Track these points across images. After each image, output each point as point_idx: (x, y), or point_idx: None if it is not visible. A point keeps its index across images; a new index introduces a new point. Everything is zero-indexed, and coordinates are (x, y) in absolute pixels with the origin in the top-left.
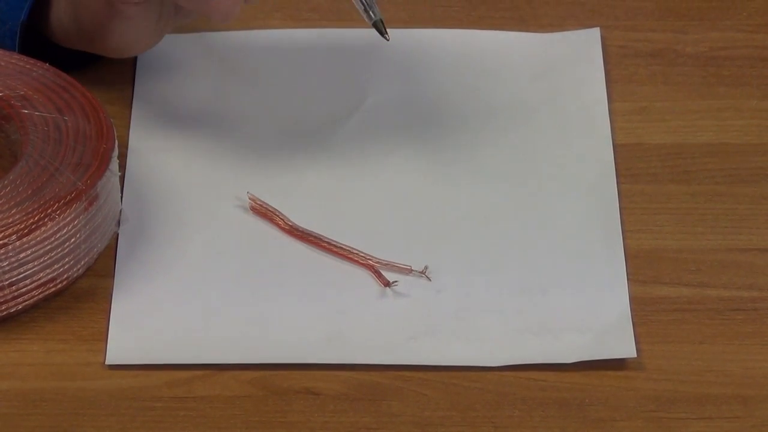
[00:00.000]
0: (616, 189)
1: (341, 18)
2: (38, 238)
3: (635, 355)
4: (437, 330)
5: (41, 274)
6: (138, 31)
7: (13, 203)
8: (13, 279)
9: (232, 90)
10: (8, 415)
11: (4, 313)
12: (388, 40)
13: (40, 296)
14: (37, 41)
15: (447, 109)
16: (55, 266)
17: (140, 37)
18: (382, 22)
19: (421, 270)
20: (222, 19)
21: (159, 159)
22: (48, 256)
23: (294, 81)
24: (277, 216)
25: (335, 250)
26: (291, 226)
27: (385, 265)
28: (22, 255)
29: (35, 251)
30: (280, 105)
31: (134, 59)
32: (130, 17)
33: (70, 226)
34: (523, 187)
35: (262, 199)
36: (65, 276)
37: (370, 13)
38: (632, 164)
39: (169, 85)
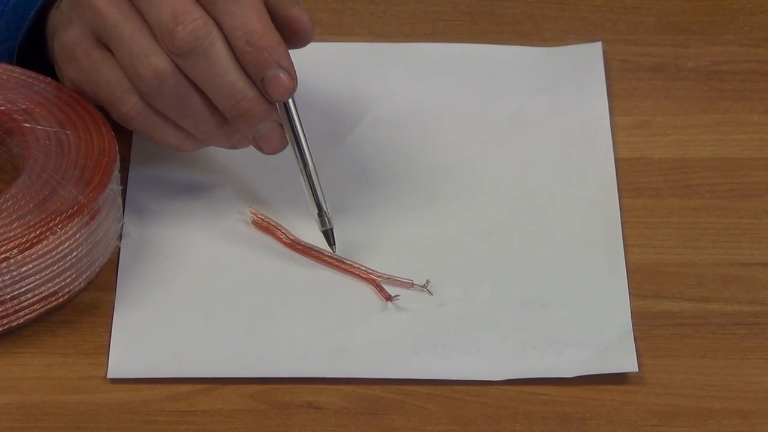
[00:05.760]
0: (618, 203)
1: (343, 32)
2: (40, 252)
3: (637, 370)
4: (439, 344)
5: (43, 288)
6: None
7: (15, 217)
8: (15, 293)
9: None
10: (10, 429)
11: (6, 326)
12: (333, 251)
13: (42, 310)
14: (36, 61)
15: (448, 124)
16: (57, 280)
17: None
18: (331, 231)
19: (422, 284)
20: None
21: (161, 173)
22: (50, 270)
23: (295, 95)
24: (279, 230)
25: (337, 264)
26: (293, 240)
27: (387, 279)
28: (23, 269)
29: (37, 265)
30: None
31: None
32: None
33: (72, 240)
34: (525, 201)
35: (264, 214)
36: (67, 290)
37: (325, 219)
38: (634, 178)
39: None
